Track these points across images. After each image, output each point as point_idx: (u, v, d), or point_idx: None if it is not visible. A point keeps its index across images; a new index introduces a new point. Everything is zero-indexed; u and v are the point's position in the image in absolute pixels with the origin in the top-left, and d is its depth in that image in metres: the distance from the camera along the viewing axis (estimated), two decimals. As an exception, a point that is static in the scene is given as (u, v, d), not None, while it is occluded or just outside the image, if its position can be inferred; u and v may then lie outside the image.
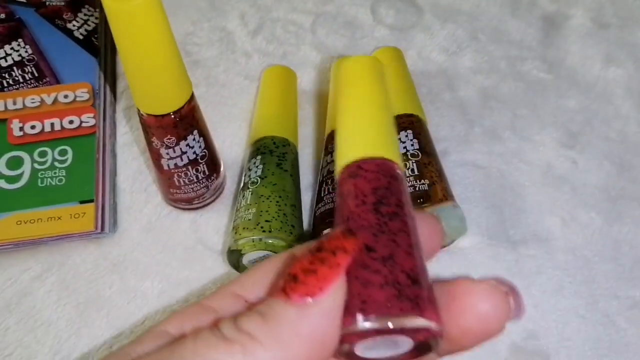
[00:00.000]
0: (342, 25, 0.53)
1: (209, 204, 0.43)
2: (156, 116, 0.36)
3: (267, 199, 0.38)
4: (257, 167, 0.40)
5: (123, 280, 0.40)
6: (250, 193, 0.38)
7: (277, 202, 0.38)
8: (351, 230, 0.20)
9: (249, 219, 0.37)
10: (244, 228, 0.37)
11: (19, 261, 0.41)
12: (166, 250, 0.41)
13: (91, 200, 0.43)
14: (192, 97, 0.37)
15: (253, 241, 0.36)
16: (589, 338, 0.37)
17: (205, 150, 0.40)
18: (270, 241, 0.36)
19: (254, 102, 0.48)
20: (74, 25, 0.52)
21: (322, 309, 0.18)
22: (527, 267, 0.40)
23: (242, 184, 0.40)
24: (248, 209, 0.37)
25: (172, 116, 0.36)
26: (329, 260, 0.19)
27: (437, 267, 0.39)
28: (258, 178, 0.39)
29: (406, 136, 0.40)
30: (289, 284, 0.19)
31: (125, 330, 0.38)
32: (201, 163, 0.40)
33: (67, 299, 0.40)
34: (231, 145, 0.46)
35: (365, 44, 0.51)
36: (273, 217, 0.37)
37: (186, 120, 0.37)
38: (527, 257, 0.40)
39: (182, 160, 0.39)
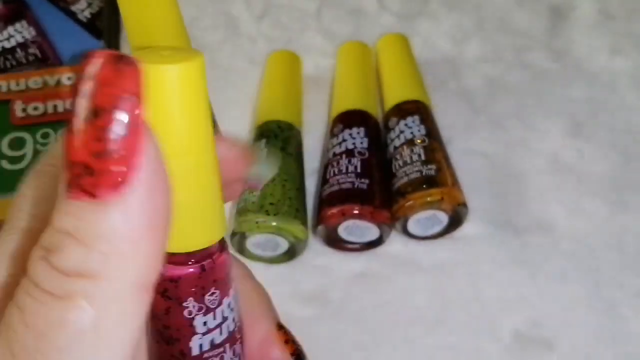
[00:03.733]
0: (347, 11, 0.53)
1: (212, 187, 0.43)
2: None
3: (272, 182, 0.37)
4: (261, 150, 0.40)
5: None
6: None
7: (283, 185, 0.37)
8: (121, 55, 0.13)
9: (253, 202, 0.37)
10: (248, 210, 0.36)
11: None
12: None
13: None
14: (198, 77, 0.37)
15: (257, 223, 0.36)
16: (593, 326, 0.37)
17: (209, 132, 0.39)
18: (274, 224, 0.36)
19: (259, 87, 0.47)
20: (77, 8, 0.51)
21: (147, 186, 0.13)
22: (532, 255, 0.39)
23: None
24: (252, 192, 0.37)
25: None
26: (121, 122, 0.13)
27: (442, 255, 0.39)
28: None
29: (413, 121, 0.40)
30: (84, 181, 0.13)
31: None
32: (205, 145, 0.40)
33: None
34: (235, 129, 0.46)
35: (370, 30, 0.51)
36: (278, 200, 0.37)
37: (191, 101, 0.37)
38: (531, 245, 0.40)
39: (186, 141, 0.38)
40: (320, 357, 0.35)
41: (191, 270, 0.17)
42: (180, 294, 0.17)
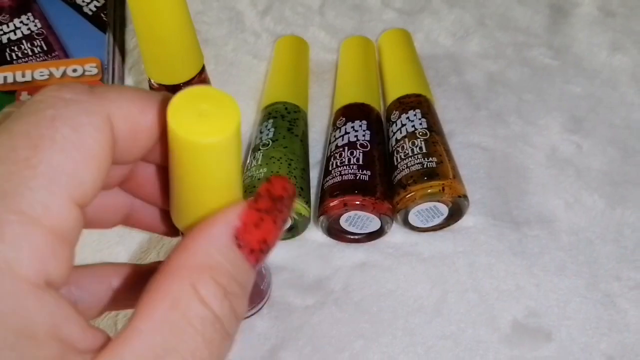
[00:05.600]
0: (350, 7, 0.53)
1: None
2: (167, 87, 0.36)
3: (278, 160, 0.38)
4: (268, 130, 0.40)
5: (128, 251, 0.41)
6: (261, 154, 0.39)
7: (289, 164, 0.38)
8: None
9: (259, 179, 0.37)
10: (253, 187, 0.37)
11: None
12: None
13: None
14: (203, 69, 0.37)
15: None
16: (590, 317, 0.37)
17: (214, 124, 0.40)
18: None
19: (263, 81, 0.48)
20: (83, 1, 0.52)
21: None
22: (530, 248, 0.40)
23: (252, 146, 0.41)
24: (258, 169, 0.38)
25: (183, 87, 0.36)
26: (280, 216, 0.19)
27: (441, 246, 0.40)
28: (269, 140, 0.39)
29: (414, 115, 0.40)
30: (260, 247, 0.18)
31: (131, 300, 0.39)
32: (210, 137, 0.40)
33: (74, 268, 0.40)
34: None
35: (373, 26, 0.52)
36: None
37: (197, 92, 0.37)
38: (530, 238, 0.40)
39: (191, 132, 0.39)
40: (321, 346, 0.35)
41: None
42: None
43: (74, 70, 0.47)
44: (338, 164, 0.38)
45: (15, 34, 0.50)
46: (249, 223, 0.18)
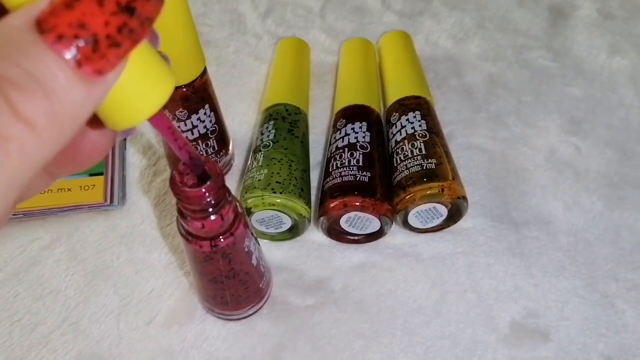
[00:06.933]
0: (351, 10, 0.54)
1: (216, 180, 0.44)
2: (169, 88, 0.36)
3: (279, 161, 0.38)
4: (269, 131, 0.41)
5: (131, 251, 0.41)
6: (262, 156, 0.39)
7: (289, 165, 0.38)
8: None
9: (260, 180, 0.37)
10: (254, 187, 0.37)
11: (29, 231, 0.42)
12: (174, 223, 0.42)
13: (101, 173, 0.43)
14: (205, 71, 0.38)
15: (263, 200, 0.37)
16: (588, 318, 0.38)
17: (215, 125, 0.40)
18: (279, 201, 0.37)
19: (264, 83, 0.48)
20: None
21: (106, 89, 0.15)
22: (529, 248, 0.40)
23: (253, 147, 0.41)
24: (259, 171, 0.38)
25: (185, 89, 0.37)
26: (139, 27, 0.15)
27: (440, 247, 0.40)
28: (270, 142, 0.40)
29: (414, 117, 0.41)
30: (84, 51, 0.14)
31: (132, 300, 0.39)
32: (211, 138, 0.40)
33: (76, 268, 0.40)
34: (240, 124, 0.46)
35: (373, 29, 0.52)
36: (284, 179, 0.38)
37: (198, 94, 0.38)
38: (529, 239, 0.41)
39: (192, 134, 0.39)
40: (321, 346, 0.36)
41: None
42: None
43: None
44: (338, 165, 0.39)
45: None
46: (59, 5, 0.14)
